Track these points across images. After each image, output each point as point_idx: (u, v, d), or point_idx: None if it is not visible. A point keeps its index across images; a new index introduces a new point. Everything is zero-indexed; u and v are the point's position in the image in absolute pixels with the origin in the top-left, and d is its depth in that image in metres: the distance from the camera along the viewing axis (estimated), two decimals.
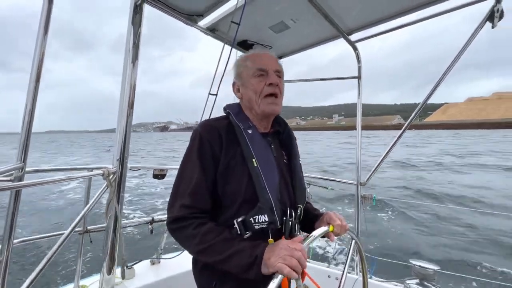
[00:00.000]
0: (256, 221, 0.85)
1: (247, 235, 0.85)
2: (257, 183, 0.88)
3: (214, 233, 0.82)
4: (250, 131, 0.96)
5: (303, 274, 0.94)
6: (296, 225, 0.96)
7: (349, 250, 0.97)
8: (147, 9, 1.54)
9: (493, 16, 1.39)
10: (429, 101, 1.85)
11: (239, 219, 0.86)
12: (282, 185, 0.96)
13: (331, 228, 0.89)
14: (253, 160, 0.90)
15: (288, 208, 0.94)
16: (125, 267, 1.84)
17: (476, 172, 15.93)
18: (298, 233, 0.97)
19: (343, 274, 0.92)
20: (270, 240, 0.88)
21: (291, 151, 1.08)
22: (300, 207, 0.99)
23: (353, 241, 1.00)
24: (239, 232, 0.85)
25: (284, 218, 0.92)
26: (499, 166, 17.81)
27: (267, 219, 0.86)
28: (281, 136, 1.10)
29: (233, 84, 1.08)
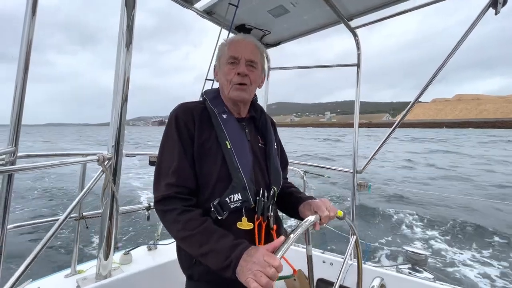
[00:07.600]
0: (232, 200, 0.89)
1: (224, 215, 0.88)
2: (230, 163, 0.92)
3: (196, 223, 0.81)
4: (224, 116, 0.99)
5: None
6: (271, 206, 0.98)
7: (351, 239, 0.98)
8: None
9: (497, 1, 1.37)
10: (403, 100, 1.85)
11: (215, 202, 0.88)
12: (256, 167, 1.00)
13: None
14: (227, 142, 0.94)
15: (262, 189, 0.97)
16: (122, 253, 1.85)
17: None
18: (271, 213, 0.96)
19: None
20: (244, 218, 0.90)
21: (266, 137, 1.10)
22: (274, 188, 1.01)
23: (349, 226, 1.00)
24: (216, 215, 0.88)
25: (258, 197, 0.94)
26: None
27: (240, 198, 0.89)
28: (257, 122, 1.12)
29: (214, 67, 1.11)
